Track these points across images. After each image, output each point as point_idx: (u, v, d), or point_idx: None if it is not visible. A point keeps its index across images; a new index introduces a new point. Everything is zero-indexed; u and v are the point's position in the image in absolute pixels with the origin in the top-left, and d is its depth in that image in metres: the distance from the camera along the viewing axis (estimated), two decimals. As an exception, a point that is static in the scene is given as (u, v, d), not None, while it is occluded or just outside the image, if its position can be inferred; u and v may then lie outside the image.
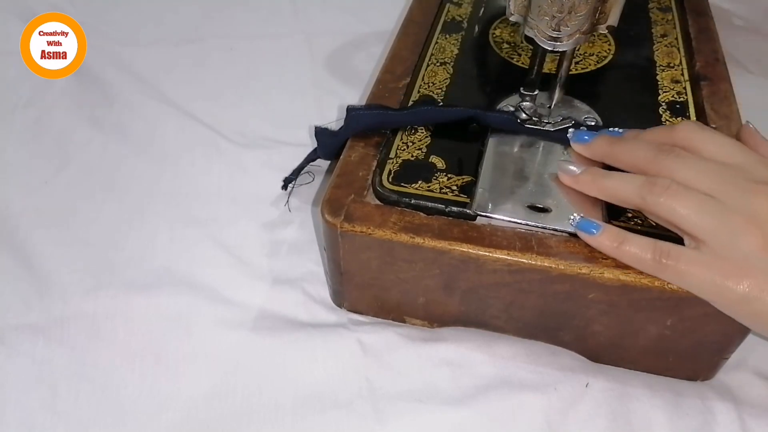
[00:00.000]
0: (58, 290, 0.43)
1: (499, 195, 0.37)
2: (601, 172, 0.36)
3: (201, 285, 0.43)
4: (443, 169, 0.39)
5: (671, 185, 0.32)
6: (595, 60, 0.48)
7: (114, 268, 0.44)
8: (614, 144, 0.37)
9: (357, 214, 0.37)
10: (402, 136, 0.42)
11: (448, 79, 0.46)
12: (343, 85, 0.61)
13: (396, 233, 0.36)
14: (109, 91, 0.59)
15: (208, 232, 0.47)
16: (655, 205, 0.32)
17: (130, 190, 0.50)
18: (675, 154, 0.33)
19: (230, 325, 0.41)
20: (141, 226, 0.47)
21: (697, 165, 0.33)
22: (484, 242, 0.35)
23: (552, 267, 0.34)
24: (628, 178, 0.34)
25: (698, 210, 0.31)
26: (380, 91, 0.46)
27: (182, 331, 0.41)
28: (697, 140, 0.34)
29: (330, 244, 0.38)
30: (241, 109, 0.58)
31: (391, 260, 0.37)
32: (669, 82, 0.46)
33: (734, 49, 0.61)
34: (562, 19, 0.35)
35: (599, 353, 0.39)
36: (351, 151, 0.41)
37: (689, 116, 0.43)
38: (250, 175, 0.51)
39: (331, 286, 0.42)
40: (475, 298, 0.38)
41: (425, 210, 0.37)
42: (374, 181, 0.38)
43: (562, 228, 0.35)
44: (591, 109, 0.43)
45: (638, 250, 0.32)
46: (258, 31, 0.67)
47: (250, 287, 0.43)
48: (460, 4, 0.55)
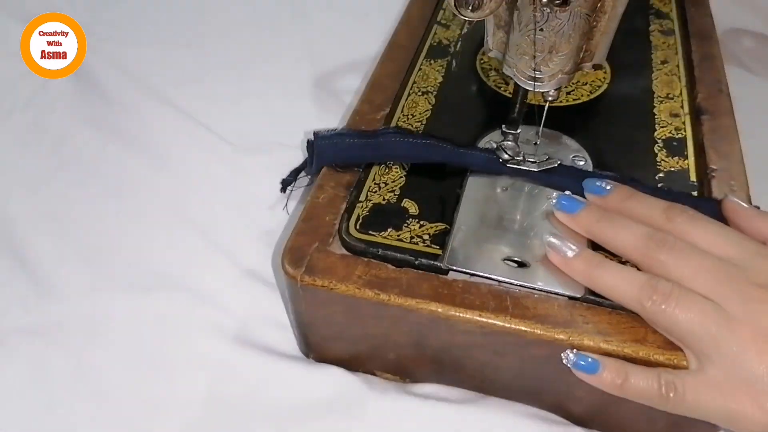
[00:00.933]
0: (55, 292, 0.42)
1: (474, 246, 0.34)
2: (596, 260, 0.32)
3: (198, 288, 0.43)
4: (416, 214, 0.36)
5: (673, 292, 0.29)
6: (589, 90, 0.45)
7: (112, 270, 0.44)
8: (602, 221, 0.33)
9: (320, 266, 0.34)
10: (375, 175, 0.39)
11: (429, 111, 0.44)
12: (342, 85, 0.59)
13: (360, 288, 0.33)
14: (109, 91, 0.58)
15: (206, 235, 0.46)
16: (656, 314, 0.29)
17: (128, 191, 0.50)
18: (669, 246, 0.30)
19: (227, 329, 0.41)
20: (139, 228, 0.47)
21: (694, 261, 0.30)
22: (455, 301, 0.32)
23: (527, 331, 0.31)
24: (626, 277, 0.31)
25: (702, 323, 0.28)
26: (356, 122, 0.43)
27: (179, 334, 0.40)
28: (692, 230, 0.31)
29: (291, 296, 0.35)
30: (240, 109, 0.57)
31: (356, 315, 0.34)
32: (667, 115, 0.43)
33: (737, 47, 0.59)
34: (542, 58, 0.31)
35: (584, 418, 0.36)
36: (319, 192, 0.38)
37: (687, 156, 0.40)
38: (248, 177, 0.51)
39: (296, 336, 0.39)
40: (448, 356, 0.35)
41: (394, 262, 0.34)
42: (341, 228, 0.36)
43: (540, 287, 0.32)
44: (581, 147, 0.40)
45: (643, 384, 0.29)
46: (257, 31, 0.66)
47: (248, 291, 0.43)
48: (448, 26, 0.52)
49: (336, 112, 0.56)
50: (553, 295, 0.32)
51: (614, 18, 0.31)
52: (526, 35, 0.31)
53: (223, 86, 0.59)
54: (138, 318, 0.41)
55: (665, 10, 0.53)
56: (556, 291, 0.32)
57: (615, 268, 0.31)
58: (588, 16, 0.30)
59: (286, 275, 0.34)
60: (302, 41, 0.65)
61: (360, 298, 0.33)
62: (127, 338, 0.40)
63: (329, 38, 0.65)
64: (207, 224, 0.47)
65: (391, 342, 0.35)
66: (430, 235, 0.35)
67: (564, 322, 0.31)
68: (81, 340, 0.40)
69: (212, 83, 0.60)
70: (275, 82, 0.60)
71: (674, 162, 0.39)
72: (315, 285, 0.33)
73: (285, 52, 0.64)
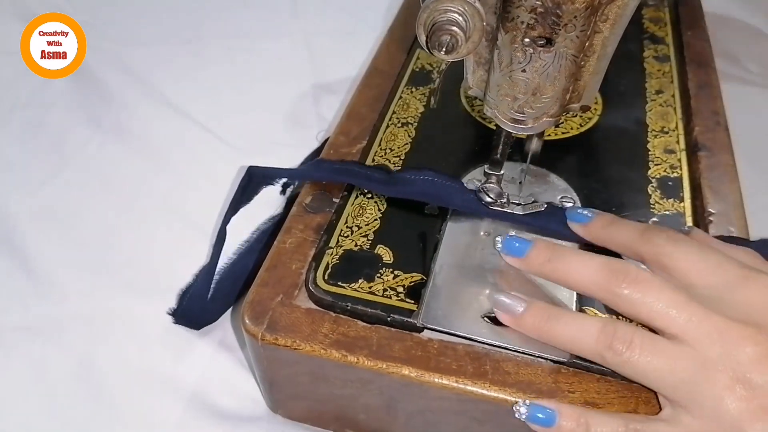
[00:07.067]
0: (56, 291, 0.42)
1: (452, 302, 0.31)
2: (546, 312, 0.29)
3: None
4: (390, 263, 0.33)
5: (634, 338, 0.26)
6: (579, 123, 0.42)
7: (112, 270, 0.44)
8: (553, 260, 0.30)
9: (282, 323, 0.31)
10: (348, 217, 0.36)
11: (408, 144, 0.41)
12: (343, 85, 0.59)
13: (326, 349, 0.30)
14: (109, 91, 0.58)
15: (206, 235, 0.45)
16: (620, 366, 0.27)
17: (128, 191, 0.49)
18: (631, 279, 0.27)
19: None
20: (139, 228, 0.47)
21: (663, 296, 0.27)
22: (429, 365, 0.29)
23: (508, 400, 0.28)
24: (581, 326, 0.28)
25: (672, 371, 0.25)
26: (331, 156, 0.40)
27: (179, 333, 0.40)
28: (671, 251, 0.28)
29: (253, 353, 0.32)
30: (240, 109, 0.57)
31: (322, 377, 0.31)
32: (662, 152, 0.40)
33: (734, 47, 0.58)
34: (525, 101, 0.29)
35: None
36: (287, 236, 0.35)
37: (683, 197, 0.37)
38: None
39: (262, 393, 0.36)
40: (423, 421, 0.32)
41: (364, 317, 0.31)
42: (308, 278, 0.33)
43: (523, 349, 0.30)
44: (568, 187, 0.37)
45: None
46: (257, 31, 0.66)
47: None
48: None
49: (338, 111, 0.55)
50: (536, 358, 0.30)
51: (604, 57, 0.28)
52: (507, 76, 0.28)
53: (223, 86, 0.59)
54: (138, 317, 0.41)
55: (660, 34, 0.51)
56: (539, 354, 0.29)
57: (567, 318, 0.28)
58: (575, 57, 0.27)
59: (246, 332, 0.31)
60: (303, 41, 0.65)
61: (326, 359, 0.30)
62: (126, 337, 0.40)
63: (329, 37, 0.65)
64: (207, 224, 0.46)
65: (361, 404, 0.32)
66: (404, 287, 0.32)
67: (548, 391, 0.28)
68: (81, 339, 0.40)
69: (212, 83, 0.60)
70: (275, 82, 0.60)
71: (669, 204, 0.37)
72: (277, 344, 0.30)
73: (285, 51, 0.63)
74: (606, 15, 0.27)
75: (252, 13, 0.68)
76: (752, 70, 0.61)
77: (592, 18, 0.26)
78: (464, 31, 0.25)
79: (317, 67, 0.62)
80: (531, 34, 0.26)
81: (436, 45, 0.25)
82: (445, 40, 0.25)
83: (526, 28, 0.26)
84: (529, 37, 0.27)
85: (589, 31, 0.27)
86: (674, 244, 0.29)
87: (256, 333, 0.31)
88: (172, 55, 0.62)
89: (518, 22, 0.26)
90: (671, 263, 0.28)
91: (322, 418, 0.35)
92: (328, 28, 0.66)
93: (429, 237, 0.35)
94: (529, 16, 0.26)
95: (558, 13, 0.25)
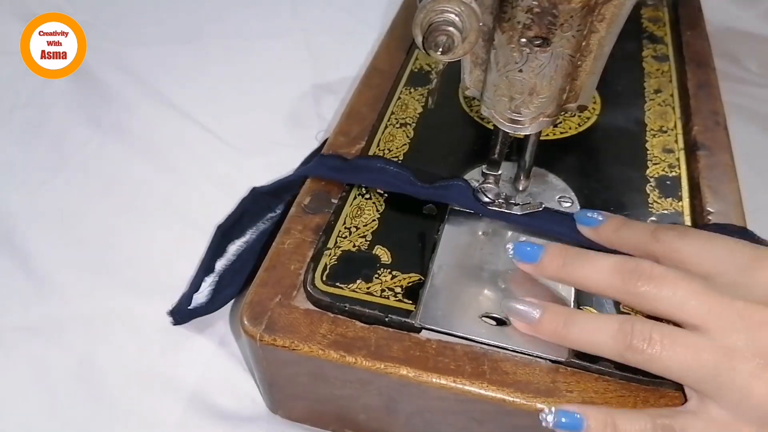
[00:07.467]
0: (56, 291, 0.42)
1: (450, 302, 0.31)
2: (563, 315, 0.29)
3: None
4: (388, 263, 0.33)
5: (653, 333, 0.26)
6: (577, 122, 0.42)
7: (112, 270, 0.44)
8: (568, 264, 0.29)
9: (281, 323, 0.31)
10: (346, 218, 0.36)
11: (407, 145, 0.41)
12: (343, 85, 0.59)
13: (324, 350, 0.30)
14: (109, 91, 0.58)
15: (206, 235, 0.45)
16: (642, 363, 0.26)
17: (128, 191, 0.49)
18: (646, 275, 0.27)
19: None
20: (139, 228, 0.47)
21: (680, 287, 0.26)
22: (428, 365, 0.29)
23: (506, 400, 0.28)
24: (599, 326, 0.28)
25: (698, 362, 0.25)
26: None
27: (179, 334, 0.40)
28: (681, 246, 0.29)
29: (252, 354, 0.33)
30: (241, 109, 0.57)
31: (321, 377, 0.31)
32: (660, 151, 0.40)
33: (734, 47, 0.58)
34: (522, 101, 0.29)
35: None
36: (285, 237, 0.35)
37: (681, 197, 0.37)
38: (248, 177, 0.49)
39: (261, 393, 0.37)
40: (422, 421, 0.32)
41: (362, 318, 0.31)
42: (306, 279, 0.33)
43: (521, 349, 0.30)
44: (567, 187, 0.37)
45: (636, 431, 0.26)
46: (257, 31, 0.66)
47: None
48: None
49: (338, 111, 0.55)
50: (535, 358, 0.30)
51: (601, 57, 0.28)
52: (504, 76, 0.28)
53: (223, 86, 0.59)
54: (138, 317, 0.41)
55: (659, 33, 0.51)
56: (538, 354, 0.29)
57: (584, 320, 0.28)
58: (572, 57, 0.27)
59: (244, 333, 0.31)
60: (303, 41, 0.65)
61: (324, 359, 0.30)
62: (127, 337, 0.40)
63: (329, 37, 0.65)
64: (207, 224, 0.46)
65: (361, 404, 0.32)
66: (402, 288, 0.32)
67: (546, 390, 0.28)
68: (81, 340, 0.40)
69: (212, 83, 0.60)
70: (275, 82, 0.60)
71: (667, 203, 0.37)
72: (275, 345, 0.30)
73: (285, 51, 0.63)
74: (602, 14, 0.27)
75: (252, 13, 0.68)
76: (752, 70, 0.60)
77: (589, 17, 0.26)
78: (460, 32, 0.25)
79: (317, 67, 0.61)
80: (527, 34, 0.26)
81: (433, 45, 0.25)
82: (442, 40, 0.25)
83: (523, 28, 0.26)
84: (526, 37, 0.27)
85: (585, 31, 0.27)
86: (683, 238, 0.29)
87: (254, 334, 0.31)
88: (173, 56, 0.62)
89: (515, 22, 0.26)
90: (684, 257, 0.28)
91: (322, 419, 0.35)
92: (328, 28, 0.66)
93: (427, 237, 0.35)
94: (526, 16, 0.26)
95: (554, 12, 0.26)
